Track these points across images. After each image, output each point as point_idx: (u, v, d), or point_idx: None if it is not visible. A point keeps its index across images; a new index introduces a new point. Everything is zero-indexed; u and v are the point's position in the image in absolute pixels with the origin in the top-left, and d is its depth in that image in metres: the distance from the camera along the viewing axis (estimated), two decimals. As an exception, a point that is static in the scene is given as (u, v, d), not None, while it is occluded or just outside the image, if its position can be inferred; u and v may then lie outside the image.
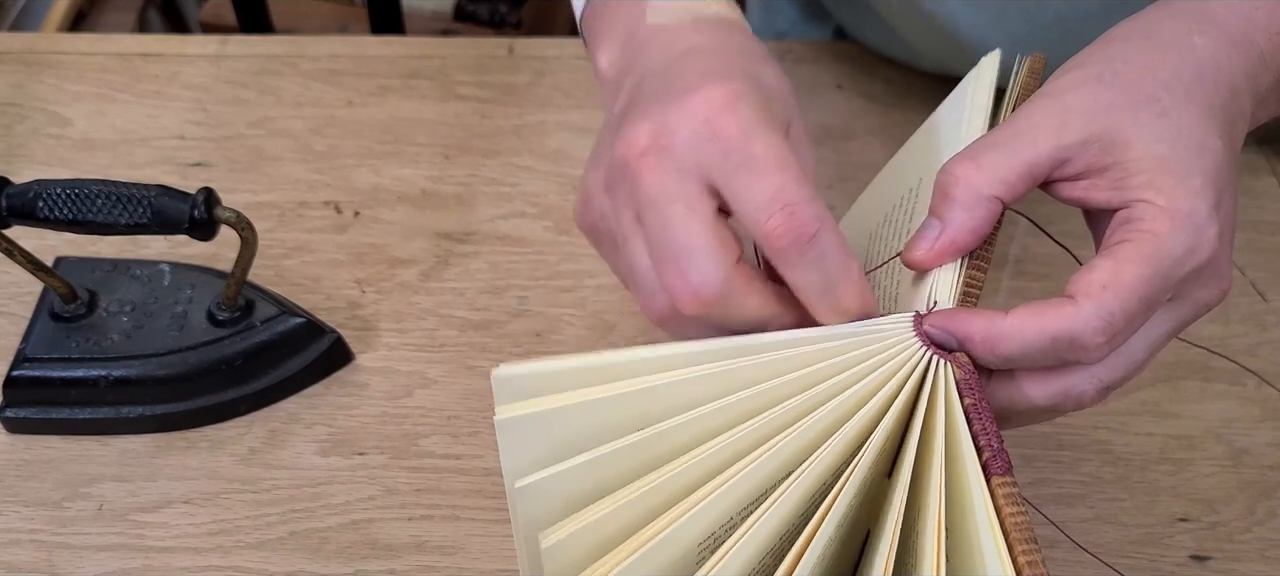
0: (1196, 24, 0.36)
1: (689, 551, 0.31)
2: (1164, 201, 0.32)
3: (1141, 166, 0.33)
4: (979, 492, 0.30)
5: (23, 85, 0.67)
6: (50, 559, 0.47)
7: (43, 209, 0.46)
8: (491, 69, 0.70)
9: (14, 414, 0.51)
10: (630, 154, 0.34)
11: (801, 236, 0.32)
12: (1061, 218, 0.62)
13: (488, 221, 0.61)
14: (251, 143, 0.65)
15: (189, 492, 0.49)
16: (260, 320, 0.52)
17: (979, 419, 0.31)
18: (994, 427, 0.31)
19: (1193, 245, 0.32)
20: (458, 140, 0.65)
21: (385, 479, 0.50)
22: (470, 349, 0.55)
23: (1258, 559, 0.48)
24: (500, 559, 0.48)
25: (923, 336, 0.34)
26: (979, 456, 0.31)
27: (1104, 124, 0.34)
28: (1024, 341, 0.32)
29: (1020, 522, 0.29)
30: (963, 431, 0.31)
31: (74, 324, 0.51)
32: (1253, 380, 0.55)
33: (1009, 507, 0.29)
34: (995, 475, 0.30)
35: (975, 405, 0.32)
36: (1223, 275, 0.34)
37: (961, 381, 0.32)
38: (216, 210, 0.47)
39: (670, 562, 0.31)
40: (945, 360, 0.33)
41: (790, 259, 0.33)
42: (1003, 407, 0.35)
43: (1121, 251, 0.32)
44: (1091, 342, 0.32)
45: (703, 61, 0.36)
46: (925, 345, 0.33)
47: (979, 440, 0.31)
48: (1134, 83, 0.34)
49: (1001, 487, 0.30)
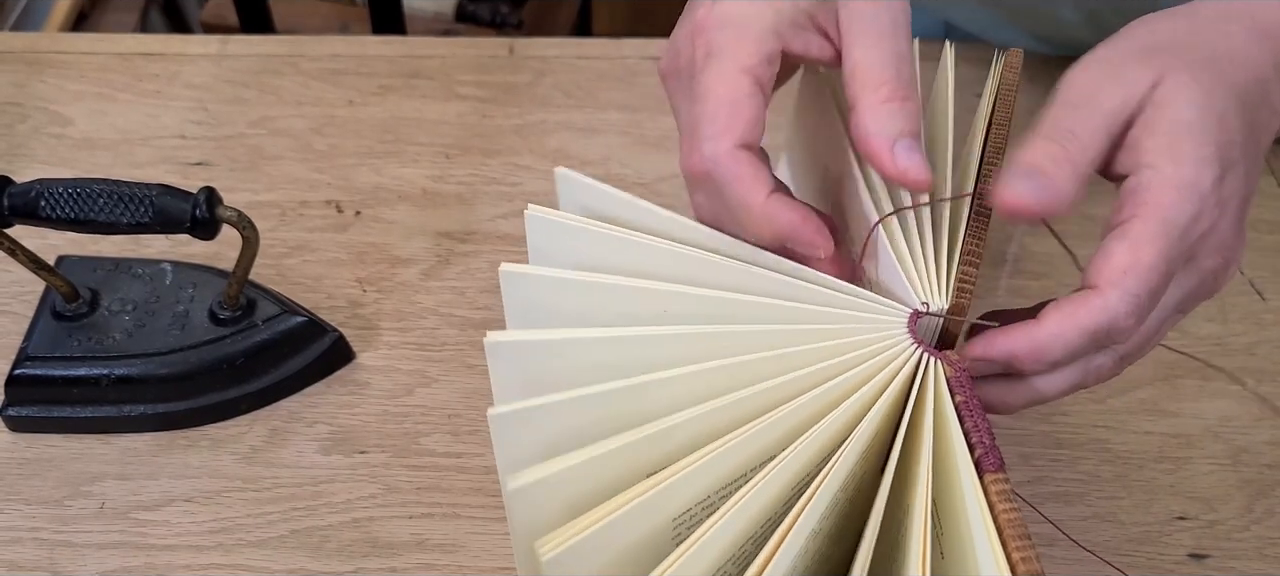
0: (1233, 12, 0.36)
1: (664, 527, 0.31)
2: (1171, 170, 0.33)
3: (1162, 129, 0.34)
4: (971, 490, 0.30)
5: (24, 85, 0.67)
6: (52, 557, 0.47)
7: (45, 208, 0.46)
8: (492, 69, 0.70)
9: (16, 412, 0.51)
10: (708, 20, 0.37)
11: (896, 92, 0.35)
12: (1061, 218, 0.62)
13: (488, 221, 0.61)
14: (252, 142, 0.65)
15: (190, 491, 0.49)
16: (262, 319, 0.52)
17: (970, 416, 0.32)
18: (985, 425, 0.31)
19: (1196, 213, 0.33)
20: (458, 140, 0.66)
21: (386, 477, 0.50)
22: (471, 348, 0.55)
23: (1256, 557, 0.48)
24: (501, 557, 0.48)
25: (914, 334, 0.34)
26: (971, 454, 0.31)
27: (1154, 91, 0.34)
28: (1067, 343, 0.33)
29: (1013, 519, 0.29)
30: (954, 429, 0.32)
31: (76, 323, 0.52)
32: (1251, 379, 0.55)
33: (1002, 504, 0.30)
34: (988, 472, 0.30)
35: (966, 403, 0.32)
36: (1227, 244, 0.35)
37: (952, 379, 0.33)
38: (218, 209, 0.47)
39: (644, 536, 0.31)
40: (936, 358, 0.33)
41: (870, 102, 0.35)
42: (1015, 405, 0.36)
43: (1134, 230, 0.33)
44: (1125, 326, 0.33)
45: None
46: (916, 343, 0.34)
47: (971, 437, 0.31)
48: (1173, 53, 0.35)
49: (994, 484, 0.30)
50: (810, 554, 0.32)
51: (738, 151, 0.35)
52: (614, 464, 0.31)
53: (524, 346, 0.34)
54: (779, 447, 0.32)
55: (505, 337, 0.34)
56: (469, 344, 0.55)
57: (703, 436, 0.31)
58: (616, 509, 0.30)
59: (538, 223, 0.37)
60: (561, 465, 0.30)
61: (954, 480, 0.31)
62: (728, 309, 0.34)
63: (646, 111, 0.67)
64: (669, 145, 0.66)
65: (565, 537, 0.29)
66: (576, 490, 0.31)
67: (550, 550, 0.29)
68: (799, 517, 0.30)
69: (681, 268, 0.35)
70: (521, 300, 0.37)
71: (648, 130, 0.66)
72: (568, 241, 0.37)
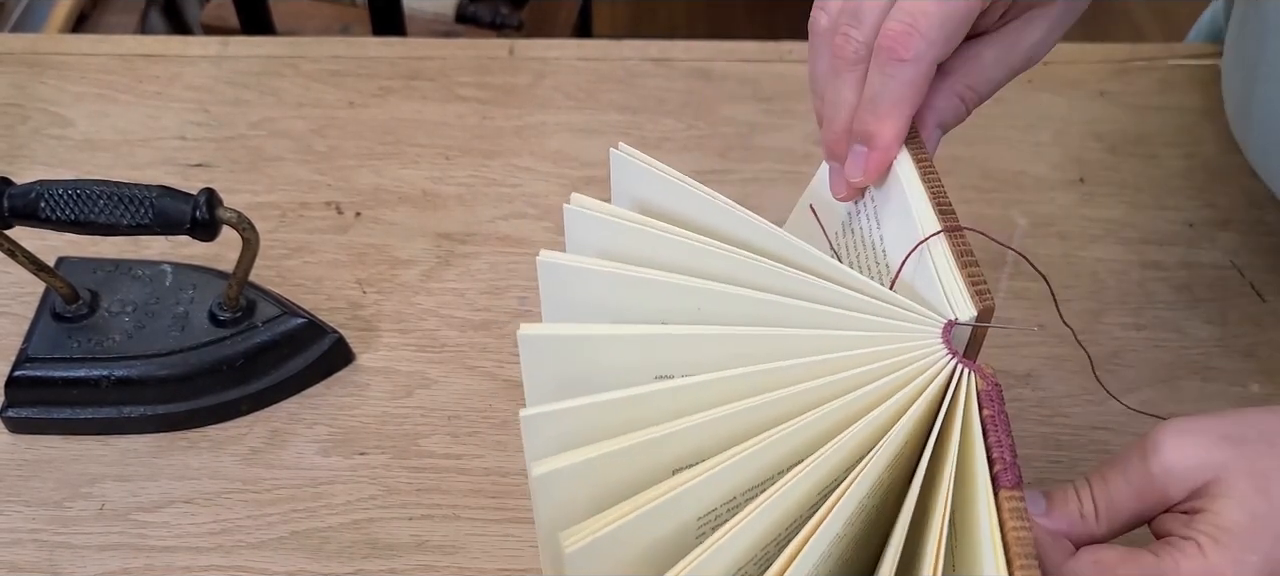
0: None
1: (688, 525, 0.31)
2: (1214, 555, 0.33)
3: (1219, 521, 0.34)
4: (985, 504, 0.30)
5: (24, 86, 0.68)
6: (52, 558, 0.47)
7: (45, 209, 0.46)
8: (492, 70, 0.70)
9: (16, 414, 0.51)
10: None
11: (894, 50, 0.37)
12: (1062, 219, 0.62)
13: (488, 222, 0.61)
14: (253, 143, 0.65)
15: (190, 492, 0.49)
16: (262, 320, 0.52)
17: (995, 431, 0.32)
18: (1008, 441, 0.31)
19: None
20: (458, 141, 0.66)
21: (386, 479, 0.50)
22: (471, 349, 0.55)
23: (1256, 559, 0.48)
24: (501, 558, 0.48)
25: (948, 344, 0.34)
26: (990, 468, 0.31)
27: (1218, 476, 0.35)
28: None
29: (1022, 537, 0.29)
30: (978, 442, 0.31)
31: (76, 324, 0.52)
32: (1253, 381, 0.55)
33: (1013, 521, 0.29)
34: (1004, 488, 0.30)
35: (993, 417, 0.32)
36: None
37: (983, 392, 0.33)
38: (218, 211, 0.47)
39: (669, 533, 0.31)
40: (970, 370, 0.33)
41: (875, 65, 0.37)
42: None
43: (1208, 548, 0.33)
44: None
45: None
46: (950, 354, 0.33)
47: (992, 452, 0.31)
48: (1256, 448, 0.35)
49: (1008, 501, 0.30)
50: (834, 558, 0.32)
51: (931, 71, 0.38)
52: (640, 458, 0.31)
53: (557, 341, 0.34)
54: (808, 451, 0.31)
55: (538, 331, 0.33)
56: (469, 345, 0.55)
57: (736, 433, 0.31)
58: (641, 506, 0.29)
59: (576, 216, 0.37)
60: (586, 455, 0.30)
61: (972, 493, 0.31)
62: (764, 310, 0.34)
63: (646, 112, 0.67)
64: (669, 146, 0.66)
65: (588, 532, 0.29)
66: (602, 482, 0.31)
67: (574, 543, 0.28)
68: (826, 518, 0.30)
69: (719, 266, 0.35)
70: (557, 286, 0.37)
71: (648, 131, 0.66)
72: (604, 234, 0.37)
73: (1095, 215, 0.63)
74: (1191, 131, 0.67)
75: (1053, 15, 0.40)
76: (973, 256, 0.35)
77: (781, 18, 2.02)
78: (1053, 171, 0.65)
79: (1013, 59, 0.41)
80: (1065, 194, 0.64)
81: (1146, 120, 0.68)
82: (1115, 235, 0.61)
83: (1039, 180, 0.64)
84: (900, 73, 0.37)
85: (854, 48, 0.38)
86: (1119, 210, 0.63)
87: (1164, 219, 0.62)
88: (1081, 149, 0.66)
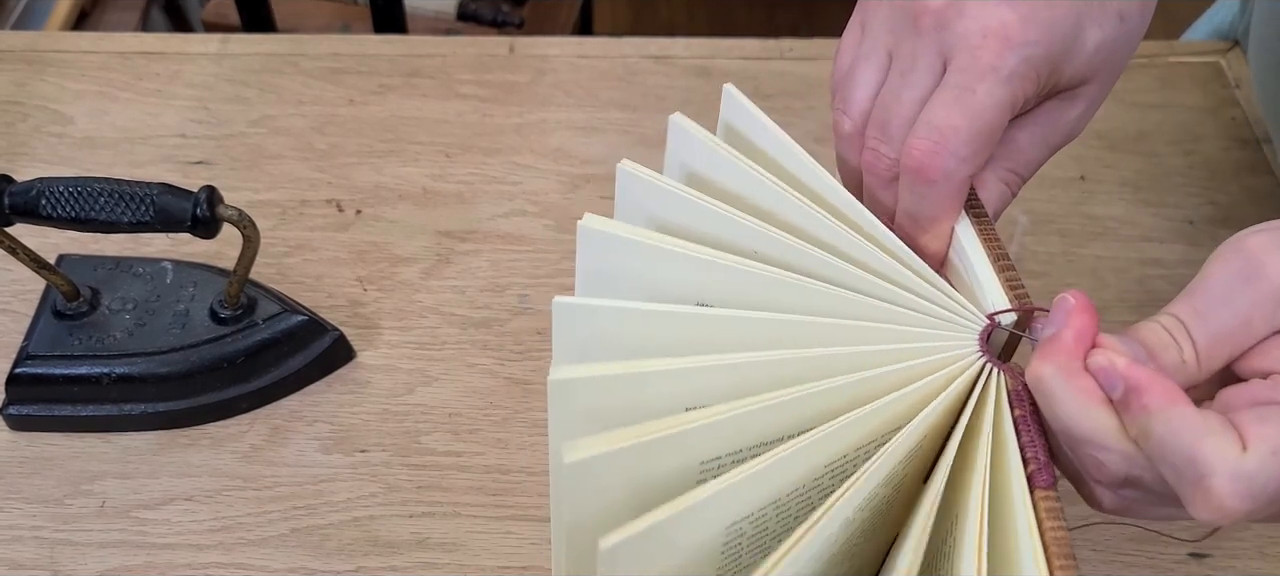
0: None
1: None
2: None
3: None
4: (1022, 504, 0.30)
5: (25, 84, 0.68)
6: (53, 555, 0.47)
7: (46, 207, 0.46)
8: (492, 68, 0.70)
9: (17, 411, 0.51)
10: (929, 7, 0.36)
11: (923, 172, 0.35)
12: (1062, 216, 0.62)
13: (489, 220, 0.61)
14: (253, 141, 0.65)
15: (191, 490, 0.49)
16: (262, 318, 0.52)
17: (1027, 431, 0.31)
18: (1041, 441, 0.31)
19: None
20: (459, 139, 0.66)
21: (387, 476, 0.50)
22: (471, 347, 0.55)
23: (1256, 556, 0.48)
24: (502, 555, 0.48)
25: (982, 345, 0.33)
26: (1024, 468, 0.31)
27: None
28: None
29: (1060, 537, 0.29)
30: (1011, 441, 0.31)
31: (76, 321, 0.52)
32: (1252, 378, 0.55)
33: (1050, 521, 0.29)
34: (1039, 488, 0.30)
35: (1024, 417, 0.32)
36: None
37: (1013, 392, 0.32)
38: (219, 208, 0.47)
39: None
40: (1001, 370, 0.33)
41: (904, 181, 0.35)
42: None
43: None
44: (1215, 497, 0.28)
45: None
46: (982, 352, 0.33)
47: (1025, 452, 0.31)
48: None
49: (1044, 501, 0.30)
50: (840, 542, 0.32)
51: (966, 184, 0.36)
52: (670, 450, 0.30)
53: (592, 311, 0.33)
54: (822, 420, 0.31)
55: (572, 302, 0.33)
56: (469, 343, 0.55)
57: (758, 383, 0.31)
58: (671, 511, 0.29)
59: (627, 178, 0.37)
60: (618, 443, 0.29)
61: (1006, 493, 0.31)
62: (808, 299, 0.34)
63: (647, 111, 0.67)
64: (669, 144, 0.66)
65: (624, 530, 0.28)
66: (629, 476, 0.30)
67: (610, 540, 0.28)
68: (839, 502, 0.30)
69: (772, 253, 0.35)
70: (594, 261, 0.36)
71: (648, 130, 0.66)
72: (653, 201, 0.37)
73: (1095, 213, 0.63)
74: (1192, 129, 0.67)
75: (1092, 93, 0.39)
76: (1009, 260, 0.35)
77: (782, 15, 2.02)
78: (1053, 169, 0.65)
79: (1053, 137, 0.39)
80: (1065, 191, 0.64)
81: (1147, 118, 0.68)
82: (1115, 233, 0.61)
83: (1039, 177, 0.64)
84: (930, 193, 0.35)
85: (886, 165, 0.37)
86: (1119, 208, 0.63)
87: (1164, 216, 0.62)
88: (1082, 146, 0.66)
